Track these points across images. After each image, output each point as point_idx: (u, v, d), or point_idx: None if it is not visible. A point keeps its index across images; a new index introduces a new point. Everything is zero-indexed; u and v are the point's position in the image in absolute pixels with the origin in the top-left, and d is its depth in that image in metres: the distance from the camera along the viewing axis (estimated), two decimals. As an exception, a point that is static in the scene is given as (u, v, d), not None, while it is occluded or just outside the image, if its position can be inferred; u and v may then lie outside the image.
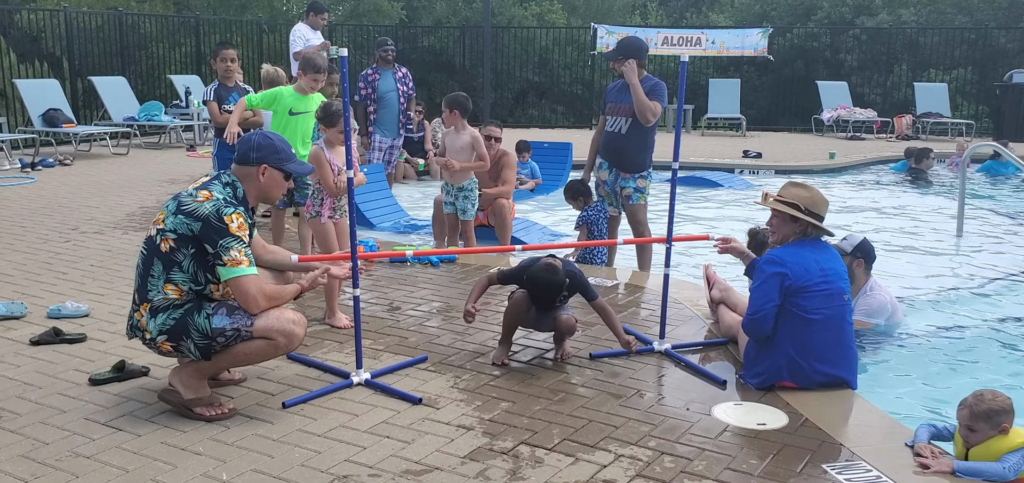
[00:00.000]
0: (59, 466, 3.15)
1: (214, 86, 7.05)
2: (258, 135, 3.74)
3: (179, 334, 3.48)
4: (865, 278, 5.43)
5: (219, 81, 7.07)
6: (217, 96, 6.97)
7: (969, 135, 17.86)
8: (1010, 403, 3.29)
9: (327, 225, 5.04)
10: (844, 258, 5.27)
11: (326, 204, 5.03)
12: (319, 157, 4.93)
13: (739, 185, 12.13)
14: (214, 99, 6.97)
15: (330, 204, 5.04)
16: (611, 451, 3.35)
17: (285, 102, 6.05)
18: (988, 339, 5.59)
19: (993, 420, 3.25)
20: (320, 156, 4.94)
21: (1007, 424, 3.25)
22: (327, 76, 6.71)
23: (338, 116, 4.91)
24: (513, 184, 7.88)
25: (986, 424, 3.26)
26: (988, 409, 3.25)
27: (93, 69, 15.65)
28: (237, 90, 7.07)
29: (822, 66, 21.63)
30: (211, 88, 7.05)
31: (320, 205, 5.03)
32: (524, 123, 20.71)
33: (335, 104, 5.07)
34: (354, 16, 23.45)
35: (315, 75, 6.03)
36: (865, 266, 5.41)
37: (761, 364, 4.03)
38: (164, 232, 3.48)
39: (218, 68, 7.13)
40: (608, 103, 6.53)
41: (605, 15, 25.14)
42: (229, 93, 6.99)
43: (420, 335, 4.77)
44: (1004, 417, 3.25)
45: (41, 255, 6.54)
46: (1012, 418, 3.27)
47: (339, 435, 3.45)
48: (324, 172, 4.94)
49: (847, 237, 5.47)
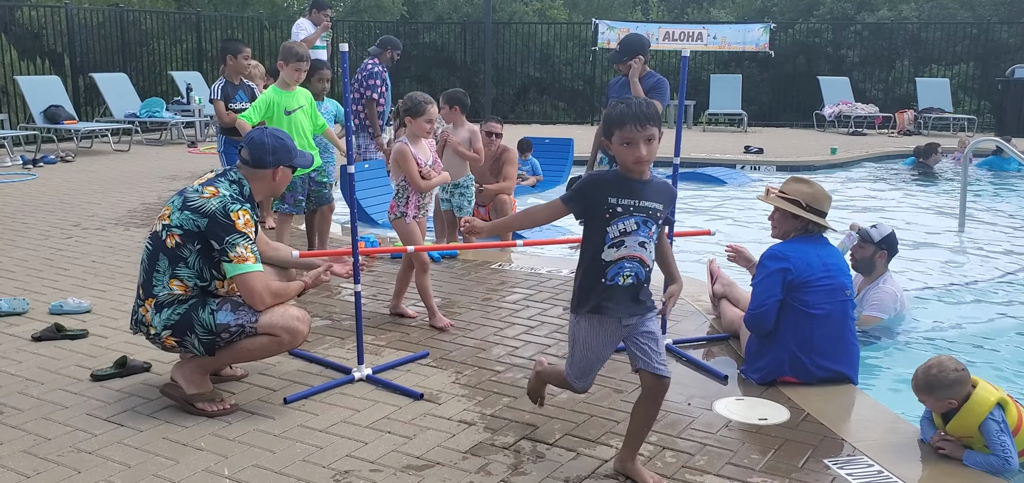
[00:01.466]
0: (61, 461, 3.16)
1: (220, 83, 7.00)
2: (270, 138, 3.69)
3: (183, 329, 3.48)
4: (883, 270, 5.43)
5: (225, 78, 7.01)
6: (223, 94, 6.92)
7: (971, 130, 17.83)
8: (955, 374, 3.27)
9: (412, 225, 4.86)
10: (869, 247, 5.29)
11: (412, 203, 4.86)
12: (405, 153, 4.77)
13: (740, 181, 12.13)
14: (220, 97, 6.92)
15: (416, 202, 4.87)
16: (612, 446, 3.35)
17: (277, 105, 5.87)
18: (990, 334, 5.58)
19: (937, 394, 3.26)
20: (406, 152, 4.78)
21: (954, 400, 3.24)
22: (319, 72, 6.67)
23: (424, 107, 4.82)
24: (515, 180, 7.88)
25: (929, 397, 3.28)
26: (925, 383, 3.29)
27: (94, 66, 15.65)
28: (242, 88, 7.04)
29: (824, 61, 21.60)
30: (217, 86, 7.01)
31: (405, 205, 4.86)
32: (525, 119, 20.71)
33: (420, 94, 4.92)
34: (355, 12, 23.43)
35: (297, 64, 5.85)
36: (887, 258, 5.41)
37: (763, 359, 4.03)
38: (170, 228, 3.48)
39: (231, 65, 7.07)
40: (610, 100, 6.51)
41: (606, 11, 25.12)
42: (235, 91, 6.95)
43: (421, 331, 4.77)
44: (948, 390, 3.23)
45: (43, 251, 6.54)
46: (961, 389, 3.25)
47: (341, 430, 3.45)
48: (410, 168, 4.77)
49: (876, 226, 5.44)
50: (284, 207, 5.91)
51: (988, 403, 3.21)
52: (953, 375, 3.26)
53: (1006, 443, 3.15)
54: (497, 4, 22.87)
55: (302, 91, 6.00)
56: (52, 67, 15.79)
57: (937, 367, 3.30)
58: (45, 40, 16.12)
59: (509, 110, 21.20)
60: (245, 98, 7.07)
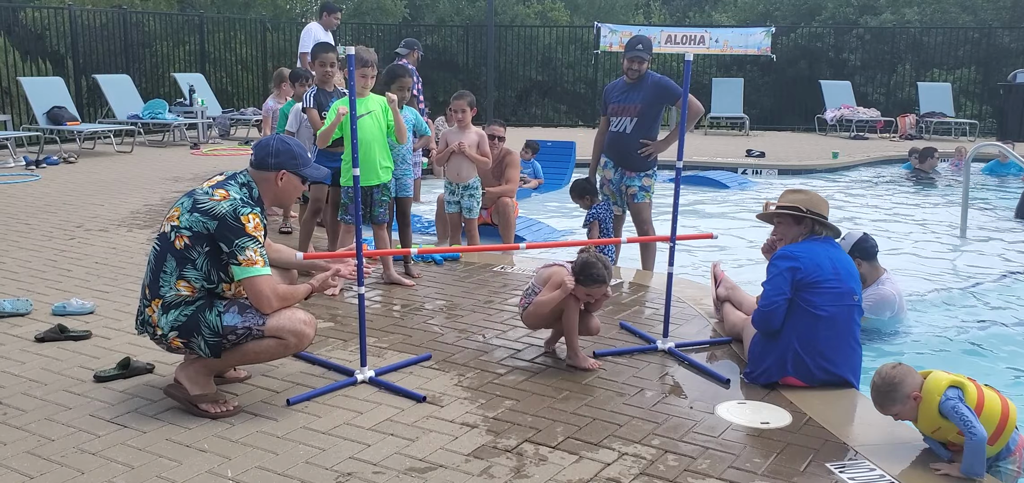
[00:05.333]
0: (64, 462, 3.16)
1: (313, 91, 6.33)
2: (276, 141, 3.72)
3: (190, 331, 3.49)
4: (873, 273, 5.45)
5: (317, 86, 6.36)
6: (317, 102, 6.23)
7: (972, 135, 17.84)
8: (895, 371, 3.29)
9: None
10: None
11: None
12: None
13: (742, 185, 12.13)
14: (314, 106, 6.23)
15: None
16: (615, 449, 3.35)
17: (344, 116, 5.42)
18: (991, 339, 5.59)
19: (895, 397, 3.26)
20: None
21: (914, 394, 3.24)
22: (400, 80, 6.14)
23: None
24: (517, 183, 7.89)
25: (895, 406, 3.28)
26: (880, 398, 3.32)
27: (97, 67, 15.68)
28: (336, 94, 6.30)
29: (825, 65, 21.62)
30: (310, 93, 6.35)
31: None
32: (527, 122, 20.72)
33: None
34: (357, 14, 23.47)
35: (361, 70, 5.42)
36: (866, 264, 5.43)
37: (766, 360, 4.04)
38: (179, 229, 3.49)
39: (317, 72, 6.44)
40: (611, 103, 6.53)
41: (608, 14, 25.16)
42: (329, 98, 6.26)
43: (424, 333, 4.77)
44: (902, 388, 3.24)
45: (46, 252, 6.55)
46: (912, 379, 3.26)
47: (343, 432, 3.46)
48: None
49: (845, 237, 5.48)
50: (347, 218, 5.75)
51: (940, 387, 3.23)
52: (894, 372, 3.30)
53: (965, 414, 3.12)
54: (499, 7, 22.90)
55: (373, 97, 5.64)
56: (55, 68, 15.81)
57: (878, 378, 3.33)
58: (48, 41, 16.15)
59: (511, 113, 21.22)
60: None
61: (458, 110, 6.64)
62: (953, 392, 3.19)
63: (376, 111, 5.55)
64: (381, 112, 5.58)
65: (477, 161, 6.63)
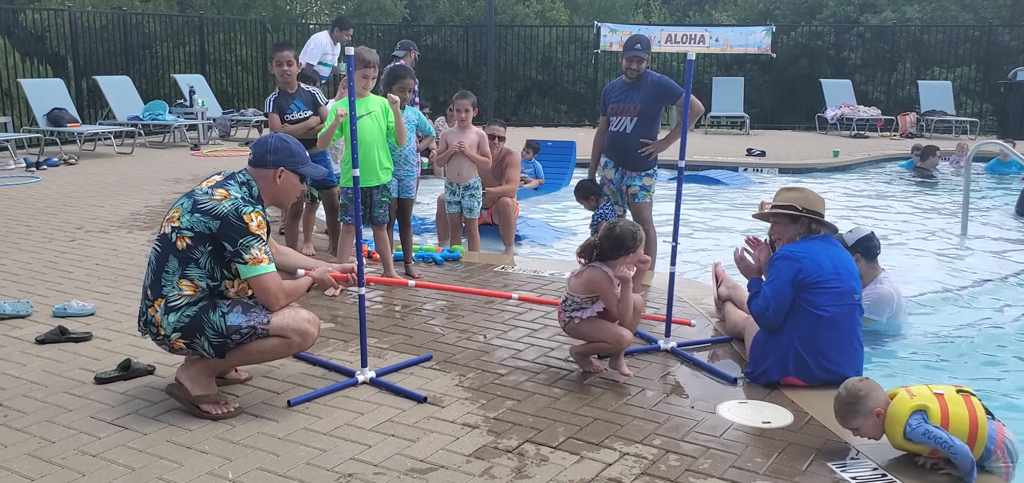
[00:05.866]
0: (65, 464, 3.16)
1: (273, 96, 6.20)
2: (274, 138, 3.73)
3: (193, 331, 3.49)
4: (871, 272, 5.44)
5: (279, 89, 6.23)
6: (277, 107, 6.13)
7: (973, 134, 17.83)
8: (859, 385, 3.28)
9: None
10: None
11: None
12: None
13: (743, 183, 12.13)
14: (274, 110, 6.12)
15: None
16: (616, 449, 3.35)
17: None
18: (992, 339, 5.58)
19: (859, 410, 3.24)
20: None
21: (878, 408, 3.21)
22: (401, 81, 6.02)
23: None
24: (517, 183, 7.90)
25: (863, 421, 3.26)
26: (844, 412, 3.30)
27: (97, 68, 15.68)
28: (300, 96, 6.23)
29: (826, 64, 21.61)
30: (270, 98, 6.21)
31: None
32: (527, 122, 20.72)
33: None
34: (357, 14, 23.46)
35: (363, 71, 5.40)
36: (865, 262, 5.42)
37: (767, 359, 4.04)
38: (180, 230, 3.49)
39: (275, 73, 6.25)
40: (610, 103, 6.52)
41: (608, 13, 25.14)
42: (290, 101, 6.17)
43: (425, 334, 4.77)
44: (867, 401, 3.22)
45: (46, 254, 6.55)
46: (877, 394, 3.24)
47: (344, 433, 3.45)
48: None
49: (852, 231, 5.47)
50: (347, 219, 5.63)
51: (901, 416, 3.17)
52: (860, 385, 3.28)
53: (936, 434, 3.08)
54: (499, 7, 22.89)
55: (373, 97, 5.60)
56: (55, 70, 15.82)
57: (843, 390, 3.31)
58: (48, 43, 16.16)
59: (511, 113, 21.21)
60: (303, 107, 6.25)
61: (462, 110, 6.64)
62: (916, 419, 3.13)
63: (376, 112, 5.53)
64: (381, 113, 5.56)
65: (477, 161, 6.63)
